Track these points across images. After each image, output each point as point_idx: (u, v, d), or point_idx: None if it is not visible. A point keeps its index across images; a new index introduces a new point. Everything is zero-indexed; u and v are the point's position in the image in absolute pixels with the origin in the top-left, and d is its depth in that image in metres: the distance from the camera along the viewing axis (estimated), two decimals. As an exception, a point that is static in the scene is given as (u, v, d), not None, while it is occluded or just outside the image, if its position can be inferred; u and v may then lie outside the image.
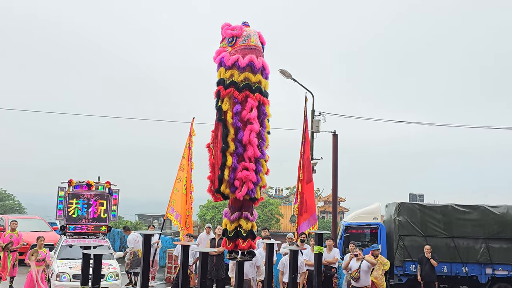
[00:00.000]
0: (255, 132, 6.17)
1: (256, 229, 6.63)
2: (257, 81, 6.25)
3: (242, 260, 6.83)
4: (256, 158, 6.22)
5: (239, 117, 6.21)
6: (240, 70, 6.21)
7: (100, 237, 13.06)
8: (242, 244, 6.52)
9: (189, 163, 13.22)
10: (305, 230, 12.01)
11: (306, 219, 12.06)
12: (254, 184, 6.20)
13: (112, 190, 13.41)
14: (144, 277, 7.83)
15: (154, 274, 14.75)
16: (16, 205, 51.96)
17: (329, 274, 11.57)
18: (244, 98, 6.22)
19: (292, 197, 53.61)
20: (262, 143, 6.30)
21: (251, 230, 6.49)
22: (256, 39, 6.42)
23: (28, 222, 19.08)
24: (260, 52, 6.38)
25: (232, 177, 6.20)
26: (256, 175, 6.20)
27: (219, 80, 6.32)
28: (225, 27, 6.52)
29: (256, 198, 6.35)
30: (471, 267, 13.89)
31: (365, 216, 15.52)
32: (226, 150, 6.19)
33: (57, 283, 11.06)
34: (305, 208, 12.12)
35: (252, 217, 6.45)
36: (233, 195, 6.30)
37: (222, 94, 6.29)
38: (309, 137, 13.14)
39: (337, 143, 17.84)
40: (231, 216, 6.46)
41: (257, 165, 6.24)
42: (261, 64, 6.27)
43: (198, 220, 44.83)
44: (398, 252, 14.09)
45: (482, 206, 14.35)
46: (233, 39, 6.36)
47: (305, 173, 12.38)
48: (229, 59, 6.25)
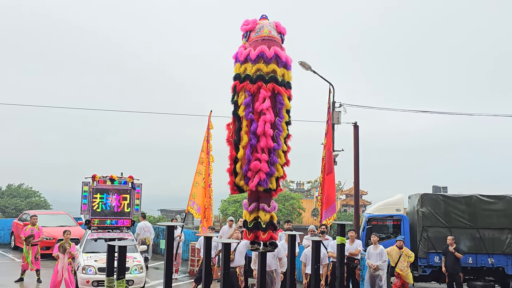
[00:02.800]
0: (269, 122, 6.15)
1: (276, 220, 6.60)
2: (270, 71, 6.22)
3: (265, 251, 6.85)
4: (271, 149, 6.18)
5: (251, 109, 6.23)
6: (253, 62, 6.27)
7: (124, 231, 13.23)
8: (263, 235, 6.54)
9: (208, 156, 13.28)
10: (324, 220, 12.04)
11: (325, 209, 12.09)
12: (268, 175, 6.17)
13: (135, 185, 13.55)
14: (167, 270, 7.93)
15: (177, 267, 14.90)
16: (42, 201, 53.05)
17: (351, 266, 11.53)
18: (257, 89, 6.24)
19: (313, 191, 53.47)
20: (278, 134, 6.24)
21: (271, 221, 6.49)
22: (269, 29, 6.41)
23: (54, 217, 19.49)
24: (274, 42, 6.34)
25: (245, 169, 6.25)
26: (270, 166, 6.16)
27: (235, 75, 6.42)
28: (242, 24, 6.58)
29: (272, 189, 6.30)
30: (497, 258, 13.68)
31: (387, 207, 15.39)
32: (238, 143, 6.26)
33: (83, 276, 11.27)
34: (325, 199, 12.14)
35: (270, 208, 6.41)
36: (247, 187, 6.35)
37: (238, 88, 6.35)
38: (331, 129, 13.10)
39: (358, 134, 17.71)
40: (249, 207, 6.51)
41: (271, 155, 6.19)
42: (273, 53, 6.21)
43: (220, 215, 45.09)
44: (422, 243, 13.95)
45: (508, 196, 14.10)
46: (247, 34, 6.50)
47: (326, 164, 12.39)
48: (242, 53, 6.36)
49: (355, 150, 17.60)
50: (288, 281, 7.99)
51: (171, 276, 8.16)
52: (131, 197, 13.43)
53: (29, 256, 13.06)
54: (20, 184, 54.58)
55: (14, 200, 49.72)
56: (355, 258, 11.64)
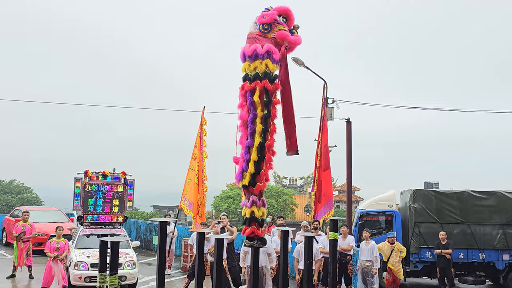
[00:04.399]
0: (240, 119, 6.48)
1: (259, 216, 6.60)
2: (253, 69, 6.34)
3: (249, 246, 6.86)
4: (246, 146, 6.40)
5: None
6: (243, 61, 6.46)
7: (117, 226, 13.21)
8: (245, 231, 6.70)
9: (201, 152, 13.26)
10: (322, 217, 12.06)
11: (323, 205, 12.13)
12: (243, 170, 6.41)
13: (128, 180, 13.52)
14: (160, 266, 7.92)
15: (170, 263, 14.89)
16: (34, 197, 52.72)
17: (344, 261, 11.59)
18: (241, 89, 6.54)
19: (306, 187, 53.59)
20: (250, 130, 6.38)
21: (253, 216, 6.56)
22: (250, 27, 6.48)
23: (45, 213, 19.39)
24: (253, 39, 6.42)
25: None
26: (244, 162, 6.39)
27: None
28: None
29: (245, 185, 6.39)
30: (488, 253, 13.78)
31: (380, 203, 15.44)
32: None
33: (76, 272, 11.22)
34: (322, 195, 12.16)
35: (248, 203, 6.49)
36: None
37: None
38: (326, 125, 13.11)
39: (351, 130, 17.73)
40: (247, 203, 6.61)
41: (245, 152, 6.42)
42: (242, 52, 6.39)
43: (213, 211, 45.10)
44: (414, 239, 14.03)
45: (499, 192, 14.20)
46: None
47: (323, 160, 12.41)
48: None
49: (347, 146, 17.62)
50: (280, 276, 8.02)
51: (164, 272, 8.15)
52: (123, 193, 13.41)
53: (19, 257, 13.00)
54: (12, 180, 54.21)
55: (5, 196, 49.34)
56: (348, 254, 11.70)
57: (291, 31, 6.40)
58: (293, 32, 6.44)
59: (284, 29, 6.36)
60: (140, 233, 21.26)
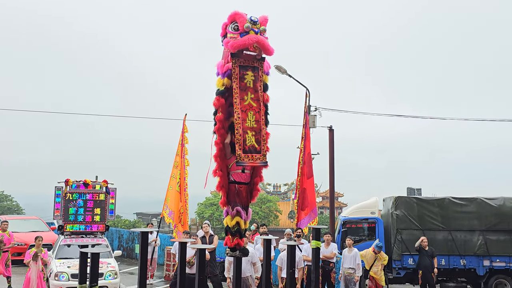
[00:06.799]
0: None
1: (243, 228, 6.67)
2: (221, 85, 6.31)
3: (233, 256, 6.85)
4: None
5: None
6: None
7: (98, 236, 13.04)
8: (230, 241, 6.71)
9: (182, 160, 13.17)
10: (306, 225, 12.04)
11: (307, 214, 12.11)
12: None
13: (110, 189, 13.37)
14: (141, 275, 7.84)
15: (153, 272, 14.76)
16: (14, 205, 51.87)
17: (327, 269, 11.60)
18: None
19: (290, 193, 53.64)
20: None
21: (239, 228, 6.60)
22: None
23: (26, 223, 19.08)
24: (223, 54, 6.43)
25: None
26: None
27: None
28: None
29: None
30: (469, 259, 13.95)
31: (362, 210, 15.54)
32: None
33: (56, 283, 11.05)
34: (306, 203, 12.15)
35: (233, 212, 6.54)
36: None
37: None
38: (309, 133, 13.13)
39: (334, 138, 17.85)
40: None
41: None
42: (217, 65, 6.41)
43: (197, 218, 44.84)
44: (396, 246, 14.13)
45: (479, 199, 14.40)
46: None
47: (306, 168, 12.40)
48: None
49: (330, 153, 17.72)
50: (263, 285, 7.98)
51: (146, 282, 8.07)
52: (105, 201, 13.25)
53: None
54: (-9, 188, 53.33)
55: (-16, 205, 48.54)
56: (331, 261, 11.72)
57: (247, 33, 5.90)
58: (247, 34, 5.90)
59: (232, 36, 5.98)
60: (122, 242, 21.04)
